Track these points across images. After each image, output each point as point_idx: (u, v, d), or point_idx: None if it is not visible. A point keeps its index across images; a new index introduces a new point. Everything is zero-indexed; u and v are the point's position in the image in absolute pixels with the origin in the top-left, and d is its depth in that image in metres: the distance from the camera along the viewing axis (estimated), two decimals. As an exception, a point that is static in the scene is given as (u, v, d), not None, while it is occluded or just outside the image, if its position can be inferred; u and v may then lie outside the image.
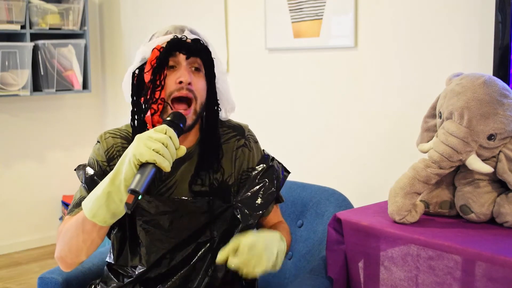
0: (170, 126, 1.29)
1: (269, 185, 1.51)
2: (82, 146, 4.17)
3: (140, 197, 1.18)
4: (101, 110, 4.27)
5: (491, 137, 1.42)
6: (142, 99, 1.42)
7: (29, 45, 3.62)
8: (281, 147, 2.79)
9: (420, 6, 2.24)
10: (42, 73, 3.73)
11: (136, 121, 1.45)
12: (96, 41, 4.22)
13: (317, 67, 2.68)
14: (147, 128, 1.41)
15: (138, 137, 1.24)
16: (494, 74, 1.80)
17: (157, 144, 1.21)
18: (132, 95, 1.46)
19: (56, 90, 3.78)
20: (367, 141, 2.49)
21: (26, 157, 3.99)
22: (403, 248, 1.42)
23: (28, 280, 3.44)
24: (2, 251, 3.90)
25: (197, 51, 1.41)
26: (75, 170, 1.52)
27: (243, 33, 3.06)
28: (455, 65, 2.12)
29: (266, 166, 1.53)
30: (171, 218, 1.44)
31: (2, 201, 3.91)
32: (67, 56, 3.80)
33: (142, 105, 1.43)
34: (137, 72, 1.45)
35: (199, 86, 1.42)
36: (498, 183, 1.48)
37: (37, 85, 3.77)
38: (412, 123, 2.07)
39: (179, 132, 1.33)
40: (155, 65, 1.39)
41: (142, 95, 1.43)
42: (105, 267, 1.56)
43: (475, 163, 1.42)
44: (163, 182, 1.45)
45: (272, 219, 1.58)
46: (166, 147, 1.22)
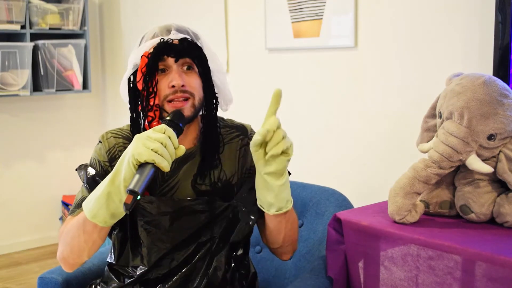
0: (169, 125, 1.29)
1: None
2: (82, 146, 4.17)
3: (139, 197, 1.17)
4: (101, 110, 4.27)
5: (491, 137, 1.42)
6: (140, 107, 1.43)
7: (29, 45, 3.62)
8: (281, 147, 2.79)
9: (420, 6, 2.24)
10: (42, 73, 3.72)
11: (135, 127, 1.45)
12: (96, 41, 4.22)
13: (317, 67, 2.68)
14: None
15: (137, 137, 1.24)
16: (494, 74, 1.80)
17: (155, 144, 1.21)
18: (129, 101, 1.46)
19: (56, 90, 3.78)
20: (367, 141, 2.49)
21: (26, 157, 3.99)
22: (403, 248, 1.42)
23: (28, 280, 3.44)
24: (2, 251, 3.90)
25: (185, 51, 1.40)
26: (76, 170, 1.51)
27: (243, 33, 3.06)
28: (455, 65, 2.11)
29: None
30: (172, 218, 1.43)
31: (2, 201, 3.91)
32: (67, 56, 3.80)
33: (141, 113, 1.43)
34: (131, 79, 1.45)
35: (194, 84, 1.42)
36: (498, 183, 1.48)
37: (37, 85, 3.77)
38: (412, 123, 2.06)
39: (178, 131, 1.32)
40: (145, 72, 1.39)
41: (139, 103, 1.43)
42: (106, 267, 1.55)
43: (475, 163, 1.42)
44: (165, 182, 1.45)
45: None
46: (165, 146, 1.22)
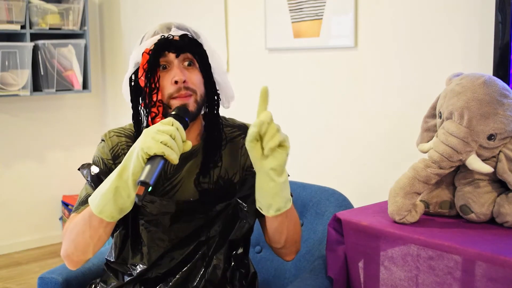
0: (175, 119, 1.30)
1: None
2: (82, 146, 4.17)
3: (150, 188, 1.18)
4: (101, 110, 4.27)
5: (491, 137, 1.42)
6: (142, 104, 1.43)
7: (29, 45, 3.62)
8: (281, 147, 2.79)
9: (420, 6, 2.24)
10: (42, 73, 3.72)
11: (138, 125, 1.45)
12: (96, 41, 4.22)
13: (317, 67, 2.68)
14: None
15: (146, 131, 1.24)
16: (494, 74, 1.80)
17: (164, 136, 1.21)
18: (131, 100, 1.46)
19: (56, 90, 3.78)
20: (367, 141, 2.49)
21: (26, 157, 3.99)
22: (403, 248, 1.42)
23: (28, 280, 3.44)
24: (2, 251, 3.90)
25: (186, 47, 1.41)
26: (78, 169, 1.51)
27: (243, 33, 3.06)
28: (455, 65, 2.11)
29: None
30: (173, 218, 1.44)
31: (2, 201, 3.91)
32: (67, 56, 3.80)
33: (143, 110, 1.43)
34: (133, 78, 1.46)
35: (195, 80, 1.42)
36: (498, 183, 1.48)
37: (37, 85, 3.77)
38: (412, 123, 2.06)
39: (184, 126, 1.33)
40: (147, 69, 1.40)
41: (142, 100, 1.43)
42: (104, 265, 1.56)
43: (475, 163, 1.42)
44: (168, 180, 1.45)
45: None
46: (174, 139, 1.22)
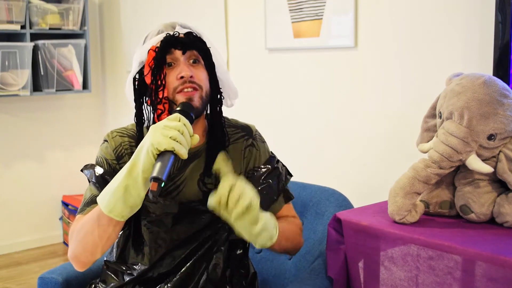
0: (181, 115, 1.30)
1: (271, 187, 1.51)
2: (82, 146, 4.16)
3: (163, 184, 1.18)
4: (101, 110, 4.27)
5: (491, 137, 1.42)
6: (149, 101, 1.43)
7: (29, 45, 3.62)
8: (281, 147, 2.79)
9: (420, 6, 2.24)
10: (42, 73, 3.72)
11: (141, 125, 1.45)
12: (96, 41, 4.22)
13: (317, 67, 2.68)
14: None
15: (154, 127, 1.24)
16: (494, 74, 1.80)
17: (173, 132, 1.22)
18: (135, 99, 1.46)
19: (56, 90, 3.78)
20: (367, 141, 2.49)
21: (26, 157, 3.99)
22: (403, 248, 1.42)
23: (28, 280, 3.44)
24: (2, 251, 3.91)
25: (192, 43, 1.41)
26: (81, 170, 1.51)
27: (243, 33, 3.06)
28: (455, 65, 2.11)
29: (271, 168, 1.53)
30: (175, 218, 1.44)
31: (2, 201, 3.91)
32: (67, 56, 3.80)
33: (149, 108, 1.43)
34: (137, 77, 1.45)
35: (201, 76, 1.43)
36: (498, 183, 1.48)
37: (37, 85, 3.77)
38: (412, 123, 2.06)
39: (190, 120, 1.33)
40: (153, 66, 1.40)
41: (148, 98, 1.43)
42: (103, 265, 1.55)
43: (475, 163, 1.42)
44: (171, 180, 1.45)
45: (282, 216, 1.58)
46: (182, 134, 1.23)
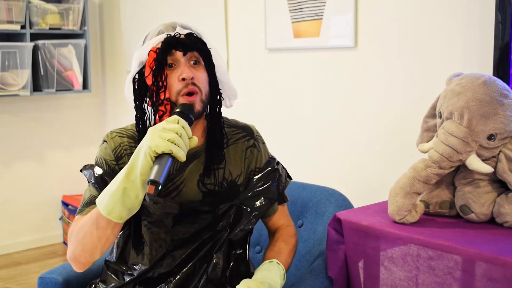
0: (180, 117, 1.30)
1: (271, 189, 1.51)
2: (82, 146, 4.16)
3: (160, 187, 1.18)
4: (101, 110, 4.27)
5: (491, 137, 1.42)
6: (150, 102, 1.42)
7: (29, 45, 3.62)
8: (281, 147, 2.79)
9: (420, 6, 2.24)
10: (42, 73, 3.72)
11: (141, 125, 1.44)
12: (96, 41, 4.22)
13: (317, 67, 2.68)
14: None
15: (152, 129, 1.24)
16: (494, 74, 1.80)
17: (171, 134, 1.22)
18: (135, 100, 1.45)
19: (56, 90, 3.78)
20: (367, 141, 2.49)
21: (26, 157, 3.99)
22: (403, 248, 1.42)
23: (28, 280, 3.44)
24: (2, 251, 3.90)
25: (193, 45, 1.41)
26: (81, 171, 1.51)
27: (243, 33, 3.06)
28: (455, 65, 2.11)
29: (271, 169, 1.54)
30: (175, 219, 1.44)
31: (2, 201, 3.91)
32: (67, 56, 3.80)
33: (151, 109, 1.43)
34: (137, 77, 1.44)
35: (201, 78, 1.42)
36: (498, 183, 1.48)
37: (37, 85, 3.77)
38: (412, 123, 2.07)
39: (189, 123, 1.33)
40: (154, 67, 1.39)
41: (149, 99, 1.42)
42: (103, 265, 1.55)
43: (475, 163, 1.42)
44: (171, 180, 1.45)
45: (277, 220, 1.59)
46: (180, 136, 1.23)
